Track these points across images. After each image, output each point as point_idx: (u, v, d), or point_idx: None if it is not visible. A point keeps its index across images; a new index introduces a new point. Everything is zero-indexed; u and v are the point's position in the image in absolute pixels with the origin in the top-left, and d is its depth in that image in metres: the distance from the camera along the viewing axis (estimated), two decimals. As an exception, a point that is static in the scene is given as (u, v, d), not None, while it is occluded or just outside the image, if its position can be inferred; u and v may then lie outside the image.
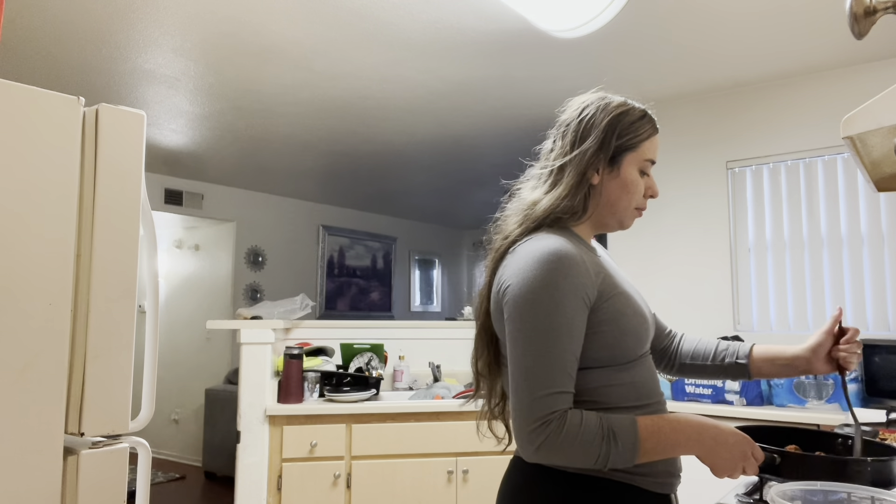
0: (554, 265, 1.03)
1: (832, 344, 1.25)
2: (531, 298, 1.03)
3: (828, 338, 1.26)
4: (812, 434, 1.32)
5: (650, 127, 1.18)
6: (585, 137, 1.15)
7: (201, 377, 5.82)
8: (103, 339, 1.20)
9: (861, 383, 2.83)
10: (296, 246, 6.47)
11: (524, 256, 1.07)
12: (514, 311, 1.05)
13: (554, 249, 1.05)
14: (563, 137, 1.18)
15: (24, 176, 1.12)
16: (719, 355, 1.33)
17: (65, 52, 3.00)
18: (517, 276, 1.06)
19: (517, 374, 1.03)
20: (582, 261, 1.06)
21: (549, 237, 1.09)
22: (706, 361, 1.34)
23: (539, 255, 1.05)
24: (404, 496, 2.80)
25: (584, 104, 1.19)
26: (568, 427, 0.98)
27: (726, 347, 1.34)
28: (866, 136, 1.14)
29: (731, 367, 1.32)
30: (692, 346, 1.37)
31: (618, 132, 1.15)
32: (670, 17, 2.68)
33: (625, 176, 1.16)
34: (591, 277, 1.06)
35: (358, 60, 3.11)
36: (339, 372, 3.01)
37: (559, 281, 1.03)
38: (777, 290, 3.33)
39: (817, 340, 1.26)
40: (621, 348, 1.08)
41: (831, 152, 3.21)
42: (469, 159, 5.00)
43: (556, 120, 1.23)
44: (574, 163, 1.15)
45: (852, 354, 1.23)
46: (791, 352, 1.28)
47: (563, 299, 1.02)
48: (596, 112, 1.16)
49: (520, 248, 1.11)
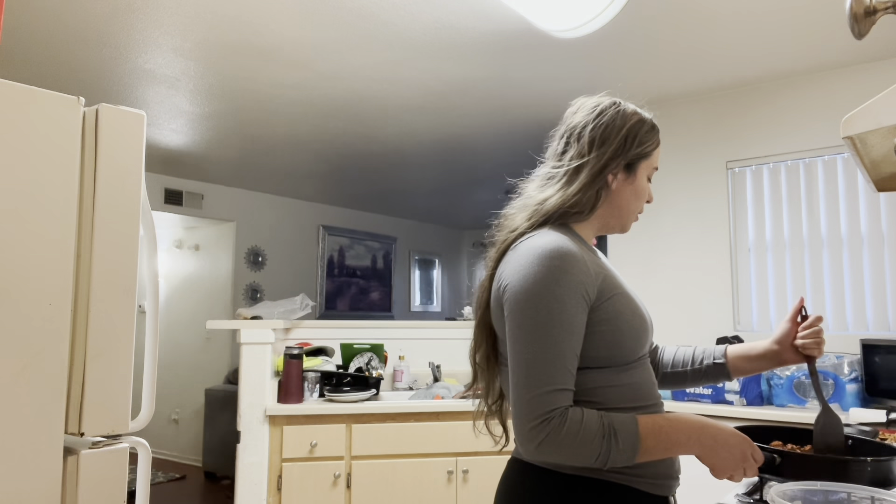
0: (555, 262, 1.03)
1: (796, 333, 1.27)
2: (532, 295, 1.03)
3: (791, 327, 1.27)
4: (812, 434, 1.32)
5: (658, 136, 1.23)
6: (605, 140, 1.17)
7: (201, 377, 5.82)
8: (103, 339, 1.20)
9: (861, 383, 2.83)
10: (296, 246, 6.47)
11: (525, 253, 1.07)
12: (515, 308, 1.04)
13: (555, 247, 1.05)
14: (578, 139, 1.18)
15: (24, 176, 1.12)
16: (697, 359, 1.34)
17: (65, 52, 3.00)
18: (518, 272, 1.06)
19: (517, 370, 1.02)
20: (583, 259, 1.06)
21: (550, 234, 1.09)
22: (686, 368, 1.34)
23: (541, 251, 1.05)
24: (404, 496, 2.80)
25: (599, 107, 1.20)
26: (569, 424, 0.98)
27: (703, 351, 1.35)
28: (866, 136, 1.14)
29: (710, 369, 1.32)
30: (671, 355, 1.38)
31: (638, 139, 1.18)
32: (670, 18, 2.68)
33: (638, 182, 1.20)
34: (591, 276, 1.06)
35: (358, 60, 3.11)
36: (339, 372, 3.01)
37: (560, 278, 1.03)
38: (777, 290, 3.33)
39: (782, 331, 1.28)
40: (620, 349, 1.08)
41: (831, 152, 3.21)
42: (469, 159, 5.00)
43: (564, 119, 1.23)
44: (591, 164, 1.16)
45: (814, 340, 1.24)
46: (761, 346, 1.30)
47: (563, 296, 1.02)
48: (616, 117, 1.18)
49: (521, 244, 1.11)
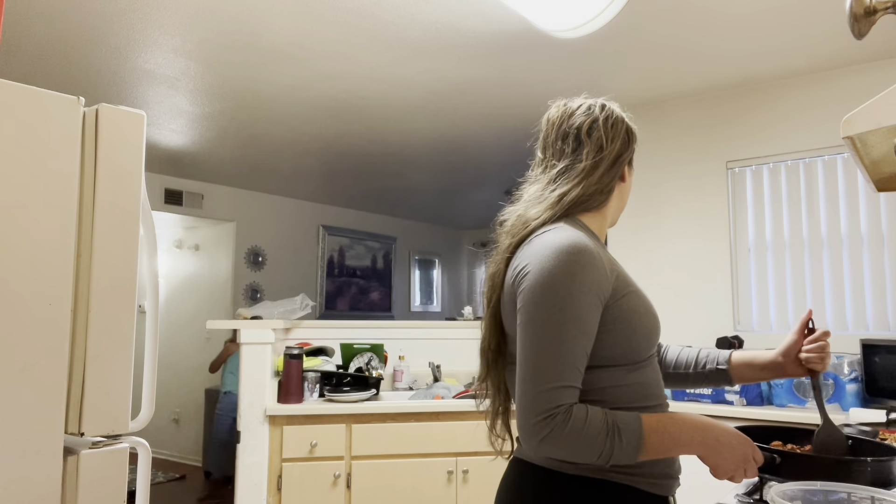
0: (573, 258, 1.03)
1: (801, 346, 1.26)
2: (547, 289, 1.02)
3: (798, 340, 1.26)
4: (812, 434, 1.32)
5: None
6: (615, 137, 1.19)
7: (201, 377, 5.82)
8: (103, 339, 1.20)
9: (861, 383, 2.83)
10: (296, 246, 6.47)
11: (543, 247, 1.06)
12: (529, 301, 1.04)
13: (574, 242, 1.04)
14: (590, 136, 1.18)
15: (24, 176, 1.12)
16: (700, 362, 1.33)
17: (65, 52, 3.00)
18: (535, 265, 1.05)
19: (525, 364, 1.02)
20: (599, 256, 1.06)
21: (568, 229, 1.09)
22: (688, 370, 1.34)
23: (559, 245, 1.04)
24: (404, 496, 2.80)
25: (598, 105, 1.22)
26: (573, 421, 0.98)
27: (707, 355, 1.34)
28: (866, 136, 1.14)
29: (713, 374, 1.32)
30: (675, 355, 1.37)
31: (634, 136, 1.23)
32: (670, 18, 2.68)
33: (628, 180, 1.25)
34: (606, 274, 1.05)
35: (358, 60, 3.11)
36: (339, 372, 3.01)
37: (577, 274, 1.02)
38: (777, 290, 3.33)
39: (788, 343, 1.27)
40: (632, 347, 1.08)
41: (831, 152, 3.21)
42: (469, 159, 5.00)
43: (553, 121, 1.25)
44: (607, 159, 1.18)
45: (818, 355, 1.23)
46: (765, 356, 1.29)
47: (578, 293, 1.01)
48: (614, 115, 1.22)
49: (537, 238, 1.10)
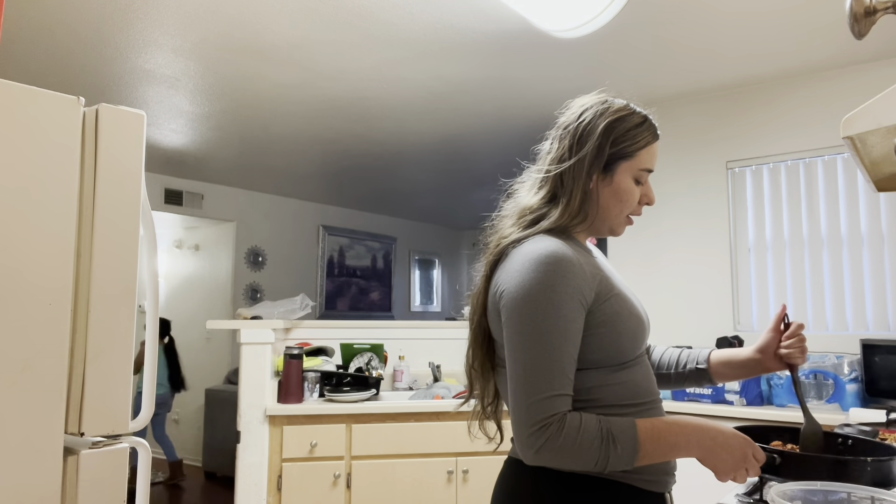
0: (551, 268, 1.03)
1: (779, 341, 1.26)
2: (529, 301, 1.03)
3: (774, 335, 1.26)
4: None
5: (649, 135, 1.14)
6: (583, 144, 1.12)
7: (201, 377, 5.82)
8: (103, 339, 1.20)
9: (861, 383, 2.83)
10: (296, 246, 6.47)
11: (521, 259, 1.07)
12: (512, 314, 1.04)
13: (551, 252, 1.05)
14: (560, 140, 1.17)
15: (24, 176, 1.12)
16: (681, 363, 1.34)
17: (65, 52, 3.00)
18: (514, 278, 1.06)
19: (516, 376, 1.02)
20: (578, 263, 1.06)
21: (545, 239, 1.09)
22: (670, 370, 1.35)
23: (536, 257, 1.05)
24: (404, 496, 2.80)
25: (584, 107, 1.17)
26: (567, 430, 0.98)
27: (687, 355, 1.34)
28: (866, 136, 1.14)
29: (693, 373, 1.32)
30: (658, 356, 1.38)
31: (613, 139, 1.12)
32: (670, 18, 2.68)
33: (617, 184, 1.14)
34: (587, 280, 1.06)
35: (358, 60, 3.11)
36: (339, 372, 3.01)
37: (556, 283, 1.02)
38: (777, 290, 3.33)
39: (765, 340, 1.27)
40: (617, 349, 1.08)
41: (831, 152, 3.21)
42: (469, 159, 5.00)
43: (555, 121, 1.21)
44: (572, 171, 1.12)
45: (796, 349, 1.23)
46: (743, 354, 1.29)
47: (560, 302, 1.02)
48: (594, 117, 1.13)
49: (516, 250, 1.10)
